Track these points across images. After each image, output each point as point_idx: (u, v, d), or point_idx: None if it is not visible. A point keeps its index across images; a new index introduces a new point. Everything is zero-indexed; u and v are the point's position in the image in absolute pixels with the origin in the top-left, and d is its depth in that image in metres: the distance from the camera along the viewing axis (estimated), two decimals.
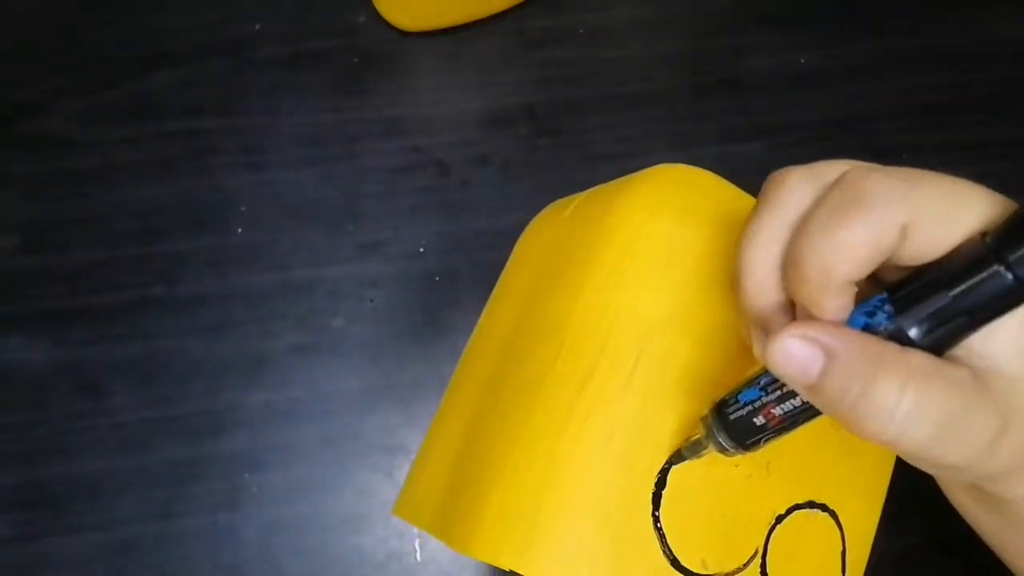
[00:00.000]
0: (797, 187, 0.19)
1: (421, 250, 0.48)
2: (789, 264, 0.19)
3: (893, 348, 0.18)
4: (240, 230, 0.48)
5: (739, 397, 0.22)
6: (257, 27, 0.50)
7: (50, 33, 0.50)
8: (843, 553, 0.25)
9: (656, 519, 0.23)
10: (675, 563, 0.23)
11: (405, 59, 0.51)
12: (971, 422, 0.18)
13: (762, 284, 0.20)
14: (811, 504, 0.25)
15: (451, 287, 0.47)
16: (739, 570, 0.24)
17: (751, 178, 0.50)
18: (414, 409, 0.45)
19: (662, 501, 0.23)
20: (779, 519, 0.25)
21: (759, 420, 0.21)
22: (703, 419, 0.23)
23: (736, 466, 0.25)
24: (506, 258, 0.49)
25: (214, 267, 0.47)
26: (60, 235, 0.47)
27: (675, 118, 0.51)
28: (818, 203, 0.19)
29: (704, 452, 0.24)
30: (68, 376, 0.45)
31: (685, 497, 0.24)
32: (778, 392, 0.20)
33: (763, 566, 0.24)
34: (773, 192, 0.20)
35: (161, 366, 0.46)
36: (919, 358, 0.18)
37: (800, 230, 0.19)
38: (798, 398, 0.20)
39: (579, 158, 0.50)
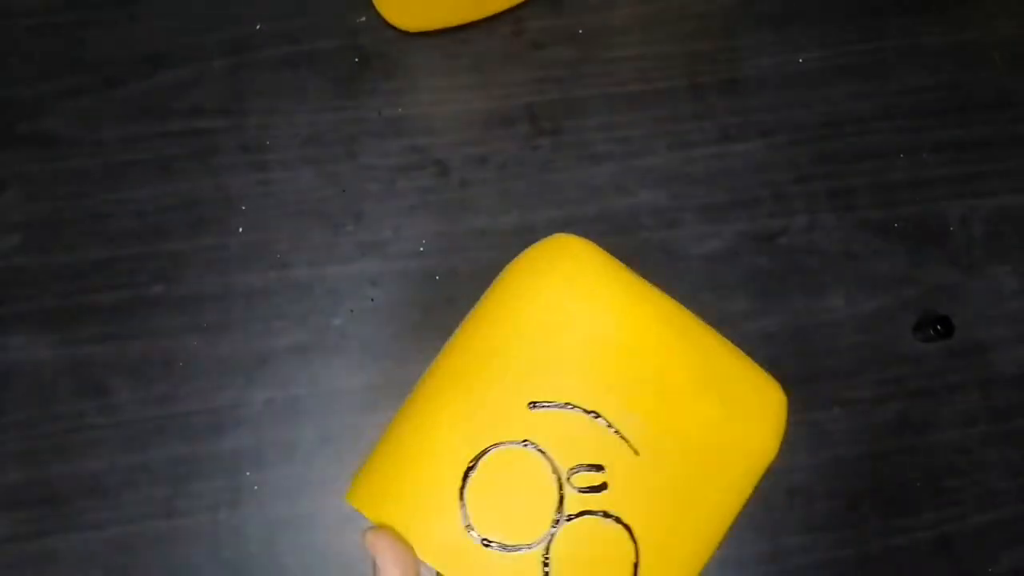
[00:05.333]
0: None
1: (421, 249, 0.48)
2: None
3: None
4: (241, 229, 0.48)
5: None
6: (258, 27, 0.51)
7: (52, 33, 0.50)
8: (635, 565, 0.28)
9: (461, 491, 0.28)
10: (468, 527, 0.27)
11: (405, 59, 0.51)
12: None
13: None
14: (605, 514, 0.28)
15: (451, 286, 0.48)
16: (520, 548, 0.27)
17: (750, 178, 0.50)
18: None
19: (472, 476, 0.28)
20: (569, 518, 0.28)
21: None
22: None
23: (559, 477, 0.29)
24: (506, 258, 0.49)
25: (215, 266, 0.47)
26: (62, 234, 0.47)
27: (675, 118, 0.51)
28: None
29: None
30: (70, 375, 0.45)
31: (498, 480, 0.28)
32: None
33: (546, 557, 0.28)
34: None
35: (162, 365, 0.46)
36: None
37: None
38: None
39: (579, 158, 0.50)
